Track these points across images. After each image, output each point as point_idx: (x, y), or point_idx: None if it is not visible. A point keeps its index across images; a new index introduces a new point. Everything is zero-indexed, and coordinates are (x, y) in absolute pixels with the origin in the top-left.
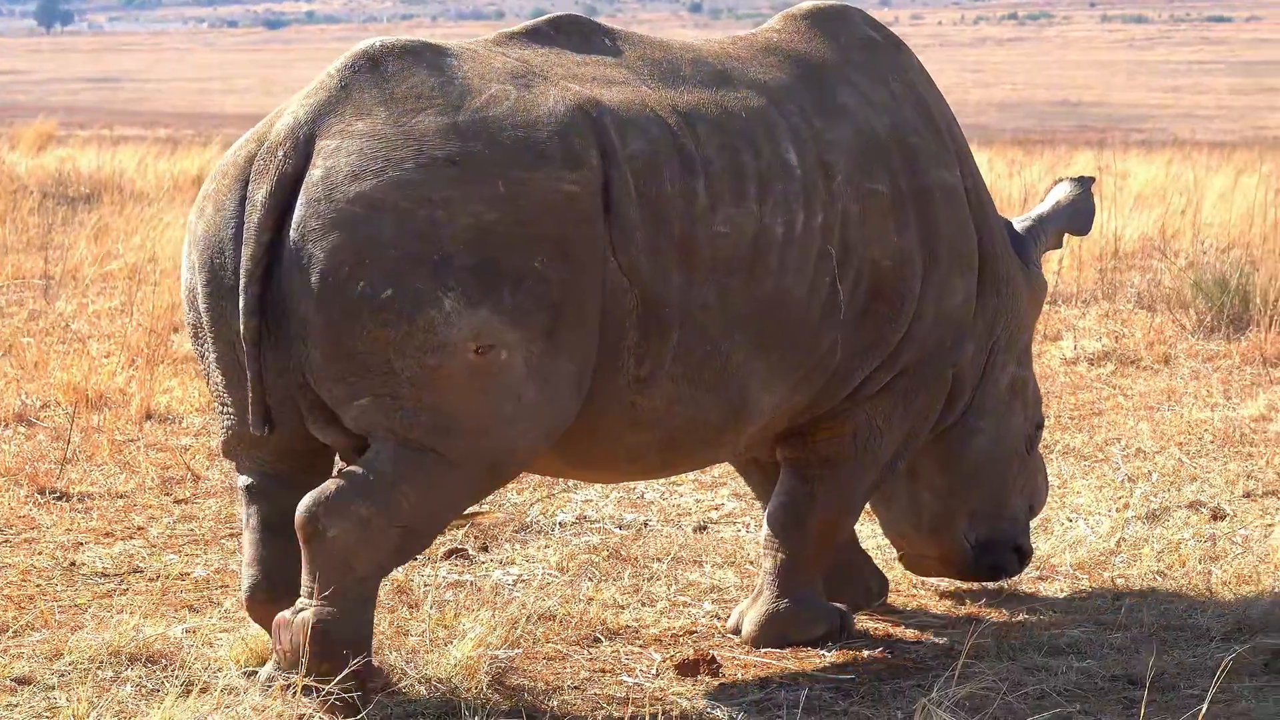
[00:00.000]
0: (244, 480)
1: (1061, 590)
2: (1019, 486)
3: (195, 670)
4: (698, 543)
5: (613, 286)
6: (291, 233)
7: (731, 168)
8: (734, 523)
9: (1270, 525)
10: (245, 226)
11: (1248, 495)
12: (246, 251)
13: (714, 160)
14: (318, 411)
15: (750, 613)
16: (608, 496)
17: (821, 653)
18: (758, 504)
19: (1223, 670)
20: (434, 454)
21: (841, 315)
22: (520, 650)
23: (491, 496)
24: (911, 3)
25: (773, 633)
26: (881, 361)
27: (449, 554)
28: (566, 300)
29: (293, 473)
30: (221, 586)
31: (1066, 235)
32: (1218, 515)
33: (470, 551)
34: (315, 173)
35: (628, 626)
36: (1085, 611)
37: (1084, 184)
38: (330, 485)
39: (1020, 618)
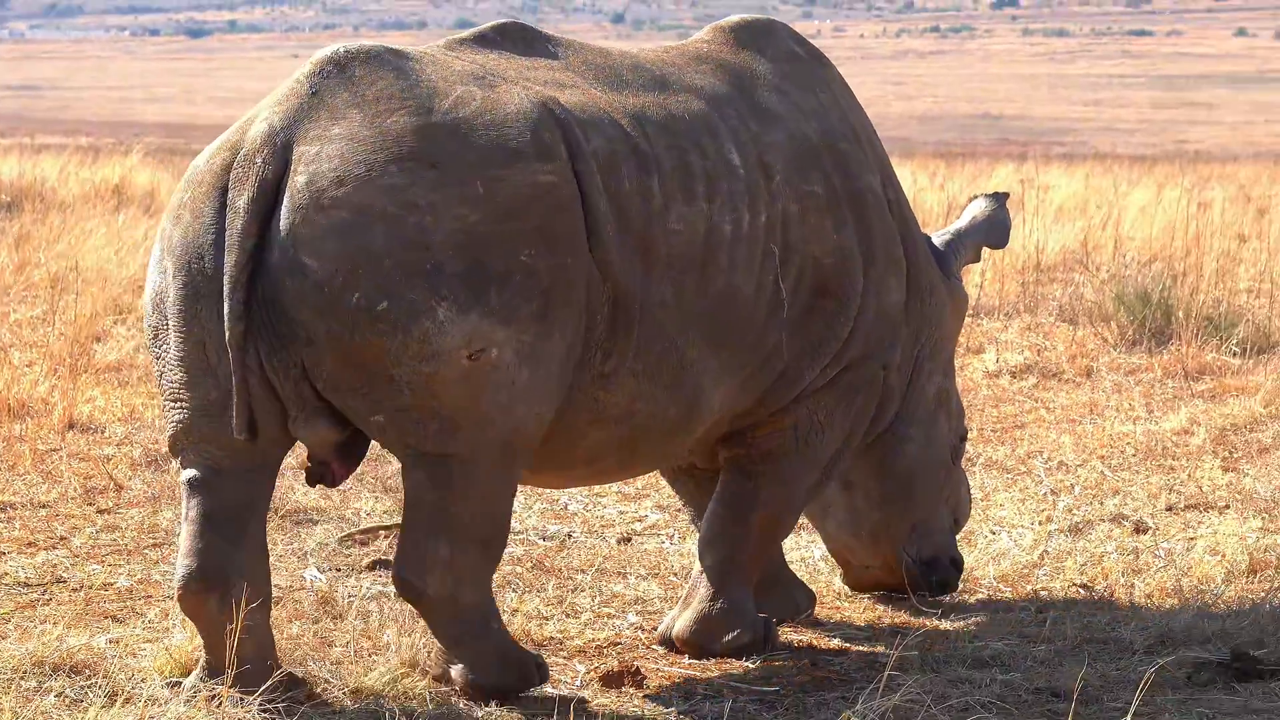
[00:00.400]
0: (188, 474)
1: (985, 603)
2: (944, 497)
3: (119, 681)
4: (622, 554)
5: (588, 278)
6: (280, 239)
7: (681, 167)
8: (658, 534)
9: (1193, 539)
10: (228, 233)
11: (1170, 509)
12: (231, 258)
13: (665, 160)
14: (305, 410)
15: (684, 613)
16: (531, 508)
17: (746, 664)
18: (682, 515)
19: (1146, 683)
20: (453, 459)
21: (785, 313)
22: None
23: None
24: (834, 14)
25: (703, 633)
26: (831, 358)
27: (373, 565)
28: (556, 284)
29: (241, 467)
30: (145, 596)
31: (985, 249)
32: (1140, 528)
33: None
34: (299, 179)
35: (552, 638)
36: (1009, 624)
37: (999, 199)
38: (404, 543)
39: (944, 630)
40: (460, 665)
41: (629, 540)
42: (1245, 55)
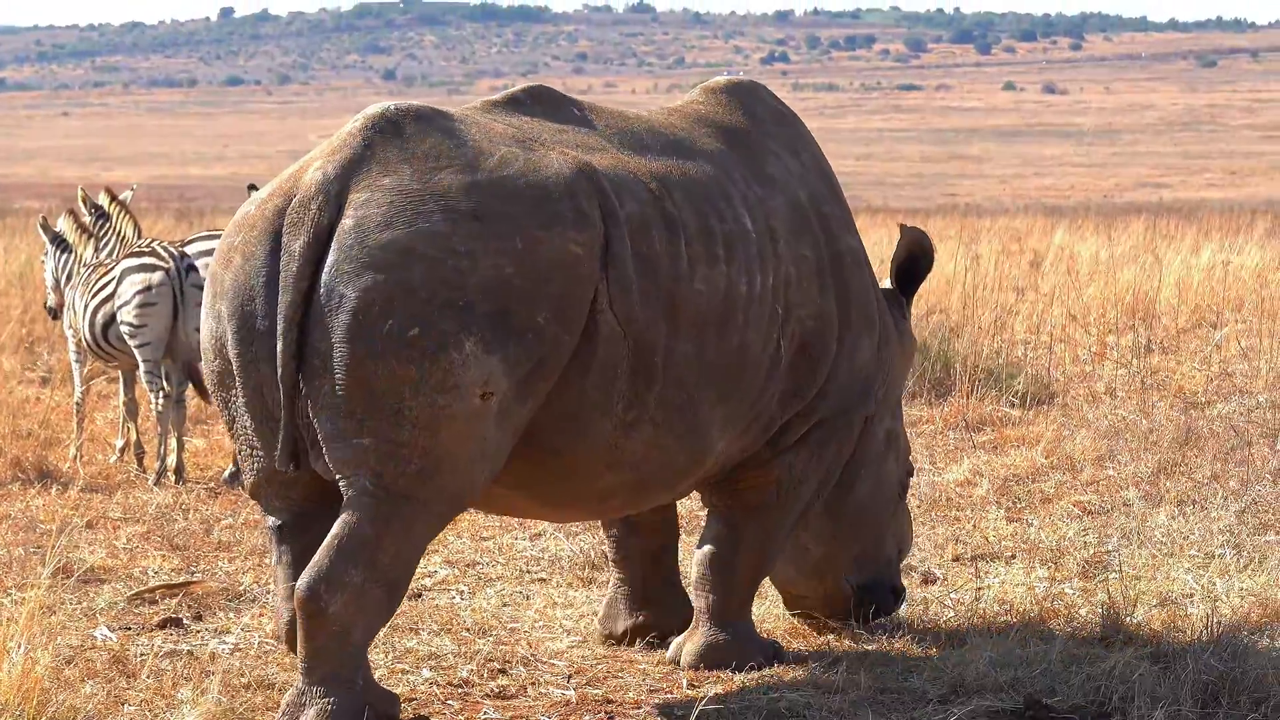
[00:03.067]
0: (270, 521)
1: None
2: (892, 531)
3: None
4: (413, 610)
5: (608, 335)
6: (325, 277)
7: (704, 230)
8: (448, 589)
9: (981, 589)
10: (282, 275)
11: (957, 559)
12: (285, 299)
13: (690, 223)
14: (319, 445)
15: (688, 645)
16: None
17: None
18: (470, 571)
19: None
20: (410, 500)
21: (781, 369)
22: None
23: (203, 566)
24: (605, 70)
25: (712, 662)
26: (798, 412)
27: (164, 623)
28: (550, 354)
29: (320, 510)
30: None
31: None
32: (929, 579)
33: (185, 620)
34: (347, 222)
35: None
36: (803, 675)
37: (907, 233)
38: (323, 560)
39: (739, 682)
40: (316, 707)
41: (419, 595)
42: (1013, 109)
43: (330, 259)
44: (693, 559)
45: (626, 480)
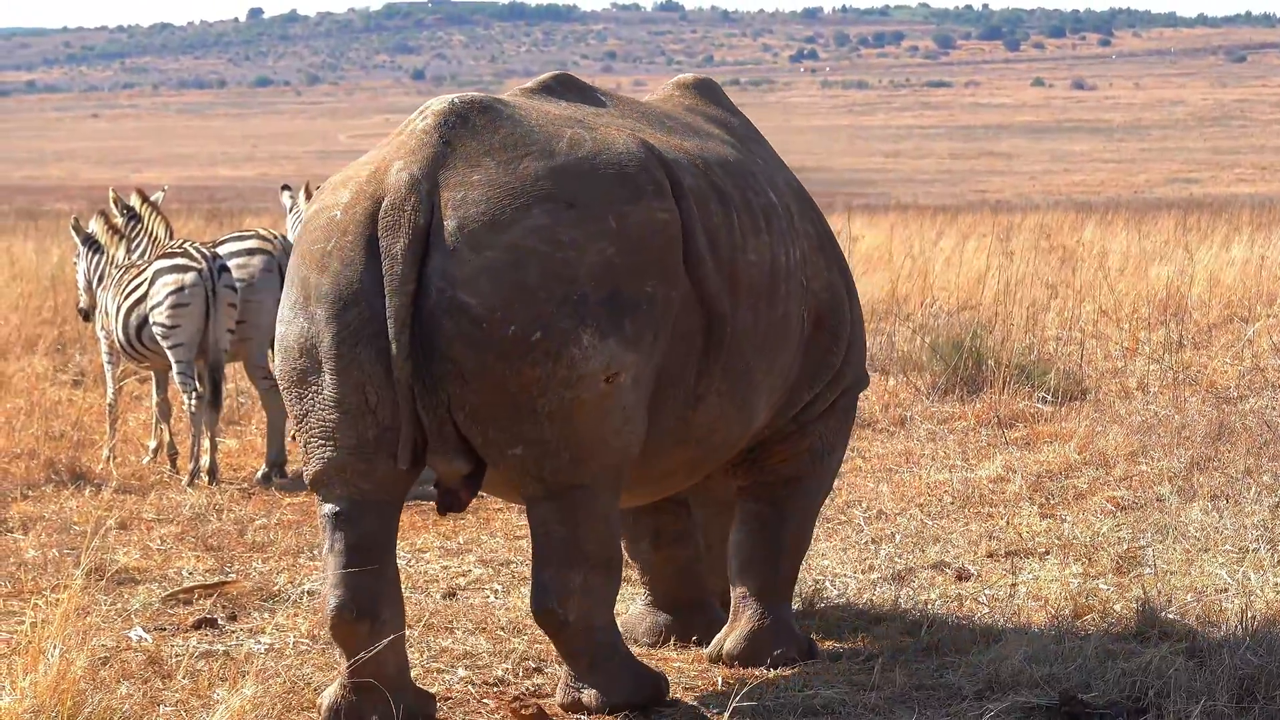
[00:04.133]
0: (330, 508)
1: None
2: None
3: None
4: (448, 609)
5: (685, 306)
6: (435, 281)
7: (746, 204)
8: (482, 589)
9: (1015, 585)
10: (387, 278)
11: (991, 555)
12: (396, 301)
13: (735, 196)
14: (446, 445)
15: (732, 634)
16: None
17: None
18: (504, 570)
19: None
20: (578, 488)
21: (805, 342)
22: None
23: (237, 566)
24: (634, 69)
25: (755, 648)
26: (826, 382)
27: (199, 624)
28: (666, 313)
29: (381, 501)
30: None
31: None
32: (963, 576)
33: (220, 621)
34: (450, 223)
35: None
36: (838, 672)
37: None
38: (540, 575)
39: (774, 679)
40: (593, 689)
41: (454, 595)
42: (1042, 105)
43: (437, 262)
44: (732, 548)
45: (689, 456)
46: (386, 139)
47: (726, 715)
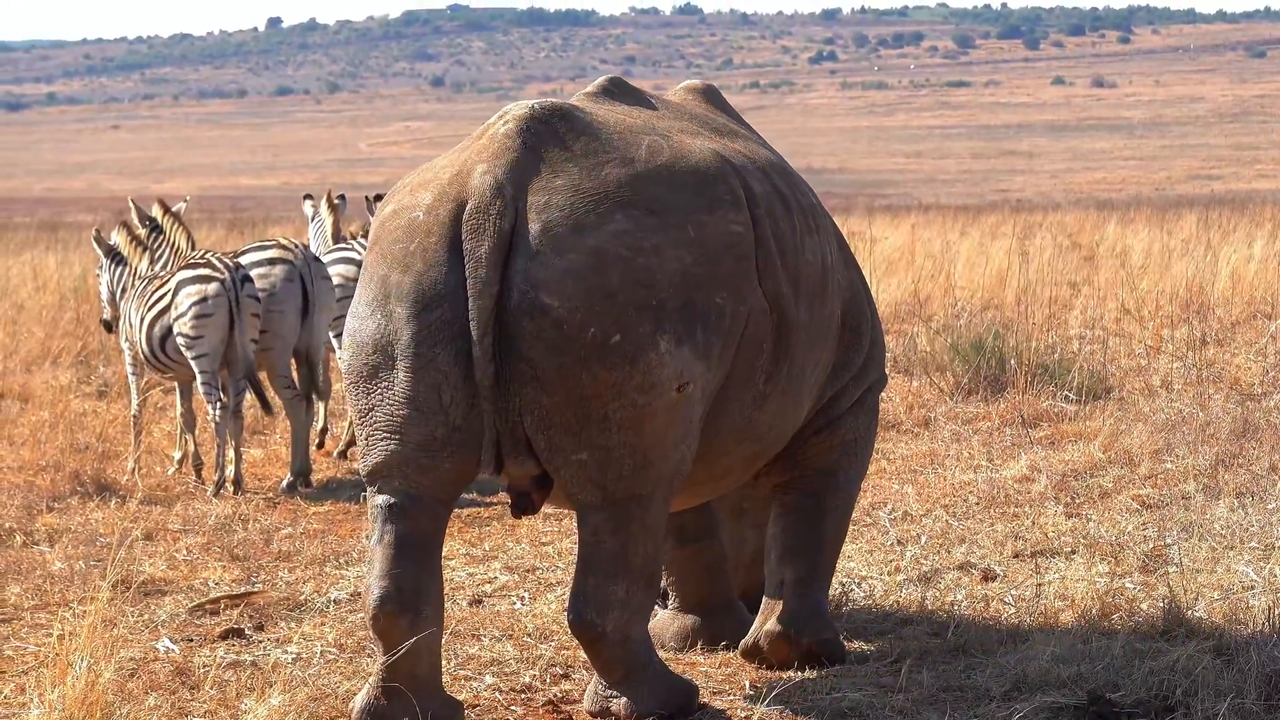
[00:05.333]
0: (385, 499)
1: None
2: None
3: None
4: (474, 616)
5: (757, 310)
6: (518, 283)
7: (799, 205)
8: (508, 595)
9: (1041, 585)
10: (470, 280)
11: (1017, 555)
12: (481, 304)
13: (791, 199)
14: (518, 448)
15: (770, 621)
16: None
17: None
18: (530, 576)
19: None
20: (635, 499)
21: (838, 335)
22: None
23: (263, 576)
24: (654, 72)
25: (793, 629)
26: (853, 377)
27: (226, 634)
28: (732, 329)
29: (436, 498)
30: None
31: None
32: (989, 576)
33: (247, 631)
34: (534, 226)
35: None
36: (865, 674)
37: None
38: (583, 584)
39: (801, 681)
40: (624, 699)
41: (480, 602)
42: (1062, 104)
43: (520, 264)
44: (771, 541)
45: (748, 453)
46: (463, 143)
47: (754, 719)
